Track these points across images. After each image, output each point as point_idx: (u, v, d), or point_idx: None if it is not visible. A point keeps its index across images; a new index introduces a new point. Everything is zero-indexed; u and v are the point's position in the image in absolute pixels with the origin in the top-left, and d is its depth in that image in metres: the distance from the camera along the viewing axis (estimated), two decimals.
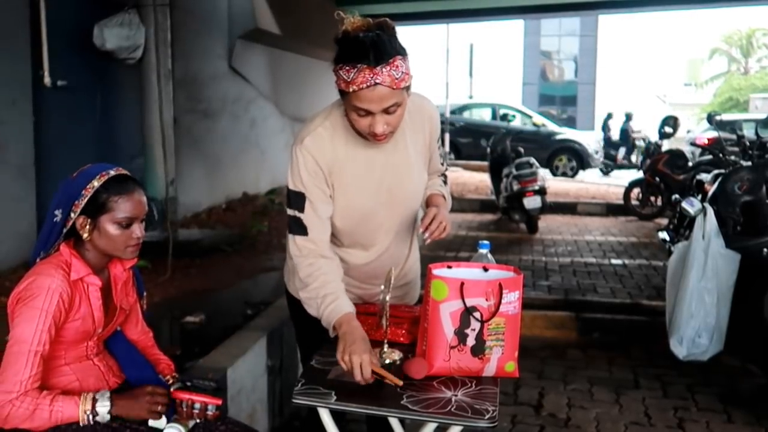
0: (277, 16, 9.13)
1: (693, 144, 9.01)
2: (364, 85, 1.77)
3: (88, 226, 1.78)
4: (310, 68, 11.04)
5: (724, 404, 3.56)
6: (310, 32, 10.34)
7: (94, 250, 1.81)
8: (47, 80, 5.29)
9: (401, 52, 1.83)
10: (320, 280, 1.94)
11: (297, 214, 1.97)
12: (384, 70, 1.77)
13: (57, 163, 5.38)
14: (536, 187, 7.85)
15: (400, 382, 1.73)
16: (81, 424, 1.69)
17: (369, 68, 1.76)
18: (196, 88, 7.80)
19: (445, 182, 2.28)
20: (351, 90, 1.80)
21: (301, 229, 1.97)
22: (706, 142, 8.23)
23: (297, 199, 1.97)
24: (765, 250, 3.52)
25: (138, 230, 1.82)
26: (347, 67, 1.79)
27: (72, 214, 1.77)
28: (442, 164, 2.27)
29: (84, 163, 1.88)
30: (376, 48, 1.77)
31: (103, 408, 1.70)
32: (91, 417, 1.69)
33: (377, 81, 1.77)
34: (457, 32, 26.74)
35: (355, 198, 2.02)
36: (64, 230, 1.78)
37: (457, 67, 26.79)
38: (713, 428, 3.34)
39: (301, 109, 10.58)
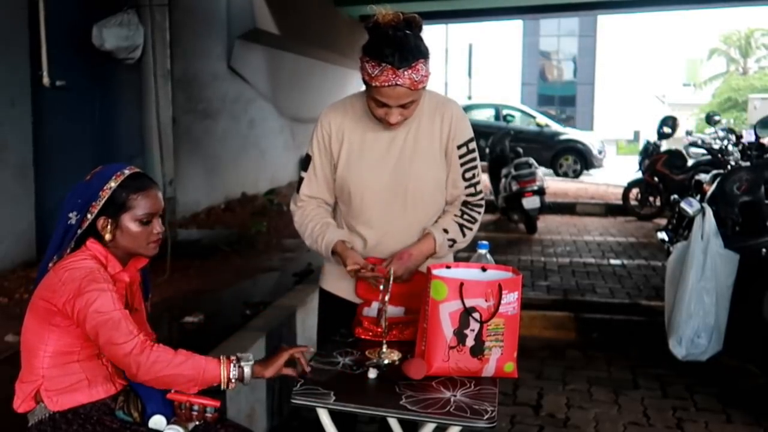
0: (276, 16, 9.13)
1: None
2: (386, 84, 1.92)
3: (109, 227, 1.80)
4: (309, 68, 11.04)
5: (723, 404, 3.56)
6: (309, 33, 10.34)
7: (116, 249, 1.84)
8: (46, 80, 5.29)
9: (424, 54, 1.95)
10: (309, 226, 2.16)
11: (302, 174, 2.22)
12: (406, 73, 1.90)
13: (56, 163, 5.39)
14: (535, 188, 7.86)
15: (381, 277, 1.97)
16: (222, 387, 1.75)
17: (392, 69, 1.90)
18: (195, 89, 7.80)
19: (471, 217, 2.17)
20: (373, 84, 1.94)
21: (301, 185, 2.21)
22: None
23: (306, 161, 2.21)
24: (764, 250, 3.52)
25: (158, 225, 1.87)
26: (373, 63, 1.92)
27: (89, 215, 1.79)
28: (474, 194, 2.18)
29: (83, 163, 1.90)
30: (402, 50, 1.89)
31: (248, 364, 1.77)
32: (234, 382, 1.75)
33: (398, 83, 1.91)
34: (456, 32, 26.78)
35: (352, 168, 2.12)
36: (79, 231, 1.80)
37: (456, 68, 26.83)
38: (712, 428, 3.34)
39: (300, 110, 10.58)
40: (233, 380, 1.75)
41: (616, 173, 14.64)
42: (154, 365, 1.68)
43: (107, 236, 1.81)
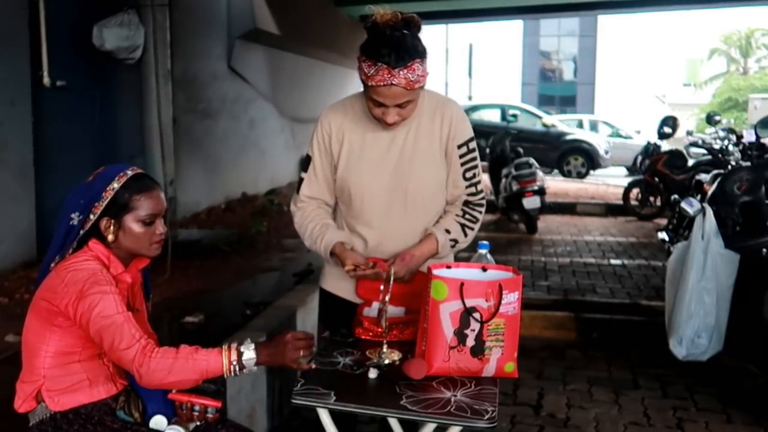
0: (276, 16, 9.13)
1: None
2: (382, 84, 1.92)
3: (112, 227, 1.80)
4: (309, 68, 11.04)
5: (724, 404, 3.56)
6: (309, 32, 10.34)
7: (119, 249, 1.84)
8: (46, 80, 5.29)
9: (421, 53, 1.95)
10: (309, 228, 2.16)
11: (302, 174, 2.22)
12: (401, 72, 1.90)
13: (56, 163, 5.39)
14: (535, 188, 7.85)
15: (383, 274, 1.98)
16: (225, 375, 1.70)
17: (388, 69, 1.90)
18: (196, 89, 7.80)
19: (472, 217, 2.17)
20: (370, 84, 1.95)
21: (301, 185, 2.21)
22: None
23: (306, 162, 2.21)
24: (764, 250, 3.52)
25: (161, 226, 1.86)
26: (369, 62, 1.93)
27: (91, 216, 1.79)
28: (474, 193, 2.18)
29: (83, 163, 1.90)
30: (398, 50, 1.90)
31: (250, 360, 1.71)
32: (237, 368, 1.70)
33: (393, 82, 1.92)
34: (457, 33, 26.80)
35: (352, 168, 2.13)
36: (82, 232, 1.80)
37: (456, 68, 26.84)
38: (712, 428, 3.33)
39: (300, 110, 10.58)
40: (235, 373, 1.74)
41: (616, 173, 14.67)
42: (154, 373, 1.67)
43: (110, 237, 1.80)
